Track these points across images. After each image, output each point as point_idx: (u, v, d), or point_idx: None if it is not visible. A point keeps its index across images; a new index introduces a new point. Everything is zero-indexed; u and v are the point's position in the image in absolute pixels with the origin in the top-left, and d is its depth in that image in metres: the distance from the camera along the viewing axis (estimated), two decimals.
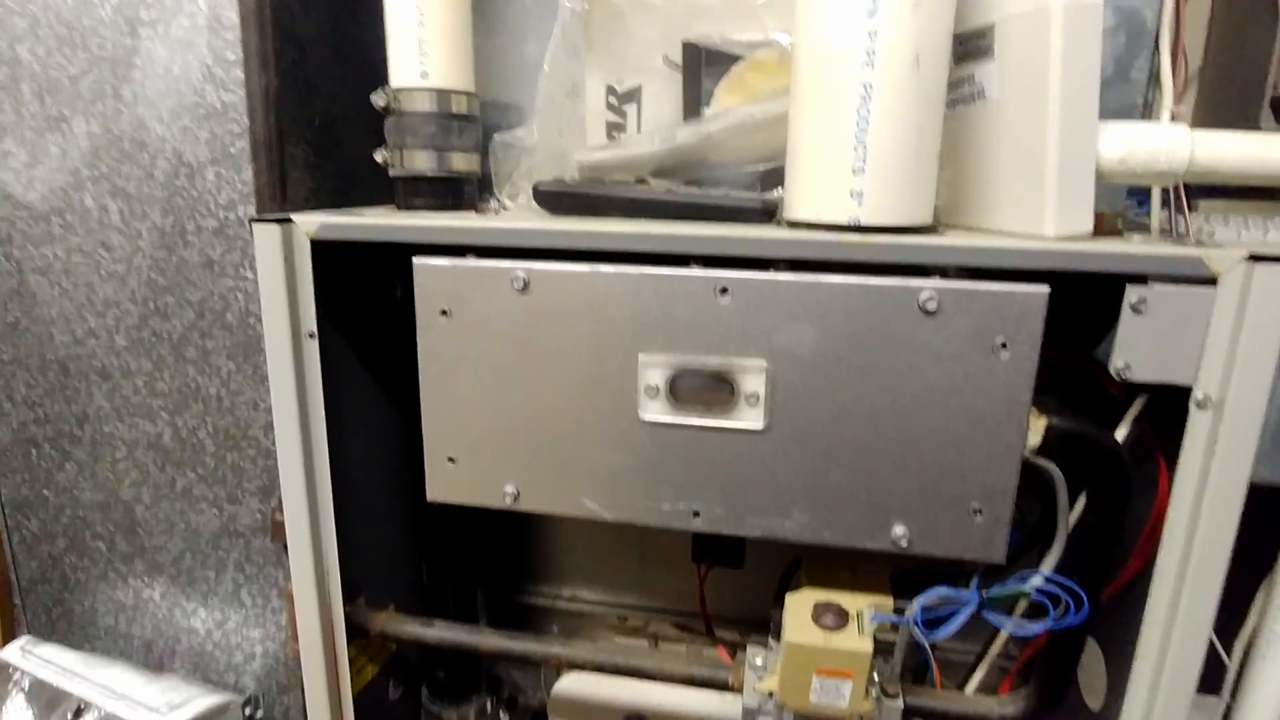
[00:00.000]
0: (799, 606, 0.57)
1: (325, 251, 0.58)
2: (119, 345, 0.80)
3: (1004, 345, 0.47)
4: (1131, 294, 0.46)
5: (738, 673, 0.61)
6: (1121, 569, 0.55)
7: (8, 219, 0.80)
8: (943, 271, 0.48)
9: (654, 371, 0.52)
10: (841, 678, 0.55)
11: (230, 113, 0.72)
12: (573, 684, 0.81)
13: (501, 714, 0.81)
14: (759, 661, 0.60)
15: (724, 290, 0.50)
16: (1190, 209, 0.59)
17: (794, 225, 0.52)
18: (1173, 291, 0.46)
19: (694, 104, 0.64)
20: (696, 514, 0.54)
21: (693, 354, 0.51)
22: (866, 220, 0.49)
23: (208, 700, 0.82)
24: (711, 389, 0.51)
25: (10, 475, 0.89)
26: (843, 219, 0.49)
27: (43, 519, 0.89)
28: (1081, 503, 0.53)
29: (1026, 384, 0.47)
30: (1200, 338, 0.46)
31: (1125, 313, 0.47)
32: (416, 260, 0.55)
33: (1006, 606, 0.55)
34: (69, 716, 0.78)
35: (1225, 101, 0.71)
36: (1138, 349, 0.47)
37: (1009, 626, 0.53)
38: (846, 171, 0.48)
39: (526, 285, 0.53)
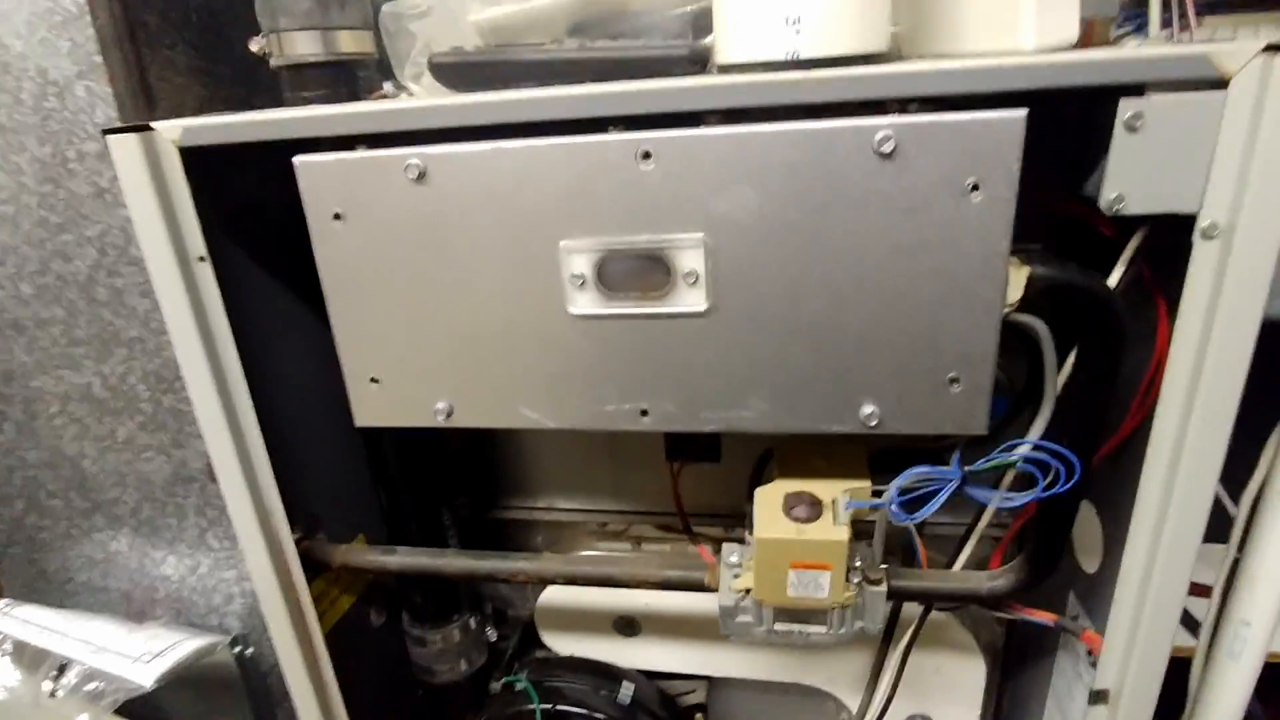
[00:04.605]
0: (769, 499, 0.53)
1: (209, 161, 0.50)
2: (25, 294, 0.74)
3: (975, 186, 0.40)
4: (1125, 108, 0.39)
5: (714, 572, 0.58)
6: (1117, 426, 0.50)
7: None
8: (901, 106, 0.41)
9: (578, 259, 0.45)
10: (819, 569, 0.51)
11: (86, 15, 0.63)
12: (557, 594, 0.79)
13: (487, 630, 0.79)
14: (734, 559, 0.56)
15: (646, 155, 0.42)
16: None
17: (725, 70, 0.44)
18: (1174, 101, 0.39)
19: None
20: (645, 413, 0.49)
21: (619, 234, 0.44)
22: (807, 52, 0.41)
23: (192, 644, 0.80)
24: (644, 272, 0.45)
25: None
26: (779, 54, 0.41)
27: None
28: (1072, 359, 0.47)
29: (1004, 230, 0.41)
30: (1207, 155, 0.39)
31: (1118, 132, 0.39)
32: (298, 159, 0.48)
33: (993, 479, 0.50)
34: (52, 674, 0.76)
35: None
36: (1133, 176, 0.40)
37: (995, 500, 0.48)
38: None
39: (423, 174, 0.46)
